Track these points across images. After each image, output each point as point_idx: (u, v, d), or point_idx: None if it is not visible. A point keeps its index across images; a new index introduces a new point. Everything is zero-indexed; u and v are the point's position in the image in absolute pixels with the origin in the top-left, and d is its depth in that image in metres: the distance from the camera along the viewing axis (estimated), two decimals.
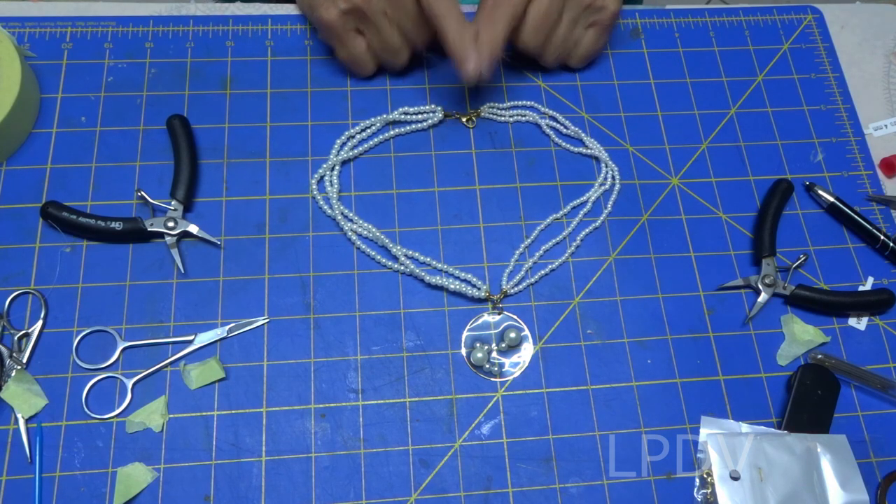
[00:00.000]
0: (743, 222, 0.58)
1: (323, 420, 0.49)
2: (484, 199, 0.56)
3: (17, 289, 0.50)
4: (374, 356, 0.51)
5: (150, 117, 0.56)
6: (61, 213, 0.51)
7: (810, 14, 0.67)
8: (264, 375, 0.50)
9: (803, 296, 0.54)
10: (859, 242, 0.58)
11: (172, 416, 0.48)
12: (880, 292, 0.55)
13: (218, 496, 0.46)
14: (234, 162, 0.56)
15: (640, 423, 0.50)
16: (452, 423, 0.49)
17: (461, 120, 0.59)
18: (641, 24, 0.65)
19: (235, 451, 0.47)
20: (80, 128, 0.56)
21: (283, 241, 0.54)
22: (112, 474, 0.46)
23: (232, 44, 0.60)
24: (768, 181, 0.59)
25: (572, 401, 0.51)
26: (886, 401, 0.52)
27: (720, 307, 0.54)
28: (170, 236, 0.52)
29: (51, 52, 0.58)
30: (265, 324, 0.51)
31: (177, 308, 0.51)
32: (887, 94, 0.64)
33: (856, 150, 0.61)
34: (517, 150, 0.59)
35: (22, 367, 0.48)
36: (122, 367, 0.49)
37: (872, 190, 0.60)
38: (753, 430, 0.50)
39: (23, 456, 0.46)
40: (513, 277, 0.54)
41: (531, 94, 0.61)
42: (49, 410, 0.47)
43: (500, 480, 0.48)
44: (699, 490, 0.49)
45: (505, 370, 0.51)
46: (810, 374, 0.51)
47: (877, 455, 0.51)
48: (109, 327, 0.50)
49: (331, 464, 0.48)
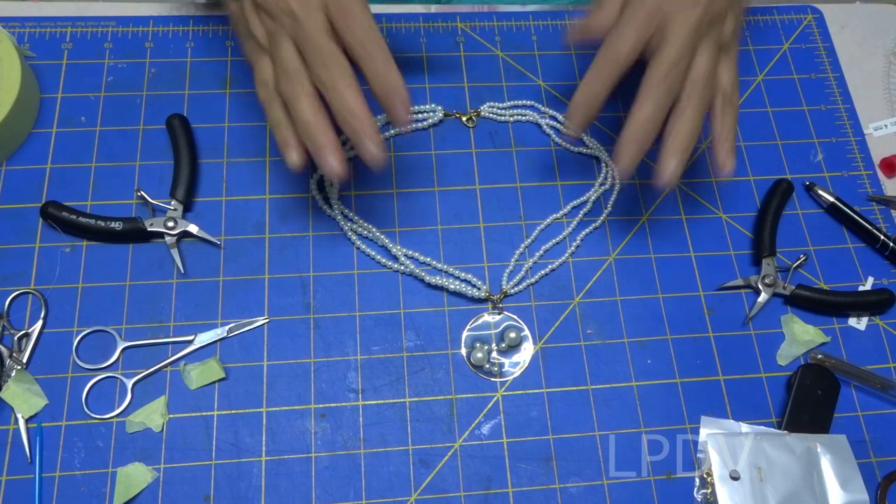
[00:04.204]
0: (743, 222, 0.58)
1: (323, 420, 0.49)
2: (484, 199, 0.56)
3: (17, 289, 0.50)
4: (374, 356, 0.51)
5: (150, 117, 0.56)
6: (61, 213, 0.51)
7: (810, 14, 0.67)
8: (264, 375, 0.50)
9: (803, 296, 0.54)
10: (859, 242, 0.58)
11: (172, 416, 0.48)
12: (880, 292, 0.55)
13: (218, 496, 0.46)
14: (234, 162, 0.56)
15: (640, 423, 0.50)
16: (452, 423, 0.49)
17: (461, 119, 0.59)
18: None
19: (235, 451, 0.48)
20: (80, 128, 0.56)
21: (283, 241, 0.54)
22: (112, 474, 0.46)
23: (232, 44, 0.60)
24: (768, 181, 0.59)
25: (572, 401, 0.51)
26: (886, 401, 0.52)
27: (720, 307, 0.54)
28: (170, 236, 0.52)
29: (51, 52, 0.58)
30: (265, 324, 0.51)
31: (177, 308, 0.51)
32: (887, 94, 0.64)
33: (856, 150, 0.61)
34: (517, 149, 0.59)
35: (22, 367, 0.48)
36: (122, 367, 0.49)
37: (872, 190, 0.60)
38: (753, 430, 0.50)
39: (23, 456, 0.46)
40: (513, 277, 0.54)
41: (531, 94, 0.61)
42: (49, 410, 0.47)
43: (500, 480, 0.48)
44: (699, 490, 0.49)
45: (505, 370, 0.51)
46: (810, 374, 0.51)
47: (877, 455, 0.51)
48: (109, 327, 0.50)
49: (331, 464, 0.48)
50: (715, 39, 0.49)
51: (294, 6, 0.45)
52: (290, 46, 0.46)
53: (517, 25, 0.64)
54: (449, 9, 0.64)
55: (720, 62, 0.50)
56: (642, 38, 0.48)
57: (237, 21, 0.50)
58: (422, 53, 0.61)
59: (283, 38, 0.46)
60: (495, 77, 0.61)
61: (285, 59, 0.46)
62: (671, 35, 0.47)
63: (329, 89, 0.45)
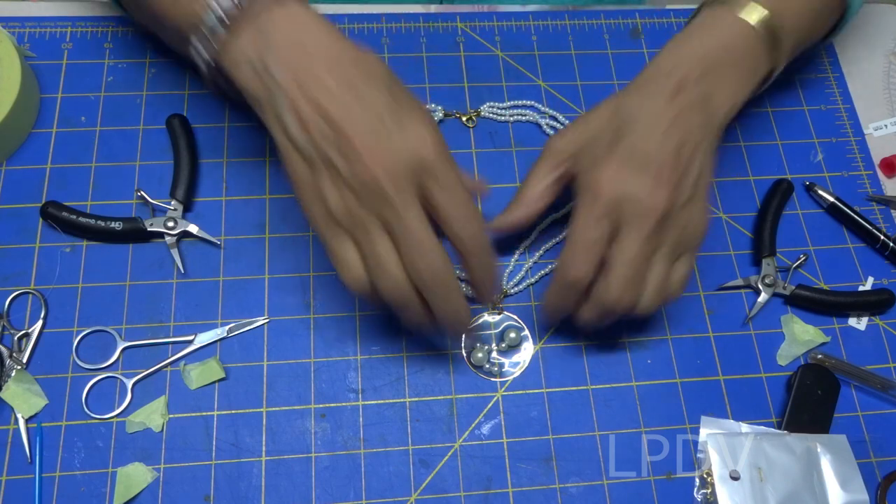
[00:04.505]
0: (743, 222, 0.58)
1: (323, 420, 0.49)
2: (484, 199, 0.56)
3: (17, 289, 0.50)
4: (374, 356, 0.51)
5: (150, 117, 0.56)
6: (61, 213, 0.51)
7: None
8: (264, 375, 0.50)
9: (803, 296, 0.54)
10: (859, 242, 0.58)
11: (172, 416, 0.48)
12: (880, 292, 0.55)
13: (218, 496, 0.46)
14: (234, 162, 0.56)
15: (640, 423, 0.50)
16: (452, 423, 0.49)
17: (461, 119, 0.59)
18: (641, 24, 0.65)
19: (235, 451, 0.47)
20: (80, 128, 0.56)
21: (283, 241, 0.54)
22: (112, 474, 0.46)
23: None
24: (768, 181, 0.59)
25: (572, 401, 0.51)
26: (886, 401, 0.52)
27: (720, 307, 0.54)
28: (170, 236, 0.52)
29: (51, 52, 0.58)
30: (265, 324, 0.51)
31: (177, 308, 0.51)
32: (887, 94, 0.64)
33: (856, 150, 0.61)
34: (517, 149, 0.59)
35: (22, 367, 0.48)
36: (122, 367, 0.49)
37: (872, 190, 0.60)
38: (753, 430, 0.50)
39: (23, 456, 0.46)
40: (513, 277, 0.54)
41: (531, 94, 0.61)
42: (49, 410, 0.47)
43: (500, 480, 0.48)
44: (699, 490, 0.49)
45: (505, 370, 0.51)
46: (810, 374, 0.51)
47: (877, 455, 0.51)
48: (109, 327, 0.50)
49: (331, 464, 0.48)
50: (672, 245, 0.45)
51: (385, 185, 0.39)
52: (386, 240, 0.40)
53: (517, 25, 0.64)
54: (449, 9, 0.64)
55: (675, 268, 0.46)
56: (596, 258, 0.44)
57: (295, 170, 0.42)
58: (422, 53, 0.61)
59: (375, 228, 0.40)
60: (495, 77, 0.61)
61: (382, 256, 0.40)
62: (621, 253, 0.43)
63: (433, 296, 0.41)
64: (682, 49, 0.48)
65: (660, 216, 0.43)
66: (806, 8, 0.51)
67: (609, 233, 0.44)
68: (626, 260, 0.43)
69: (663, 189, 0.43)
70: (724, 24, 0.48)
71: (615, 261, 0.43)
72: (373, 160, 0.38)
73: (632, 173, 0.43)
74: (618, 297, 0.44)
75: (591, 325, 0.47)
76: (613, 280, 0.43)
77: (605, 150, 0.45)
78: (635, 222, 0.43)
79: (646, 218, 0.43)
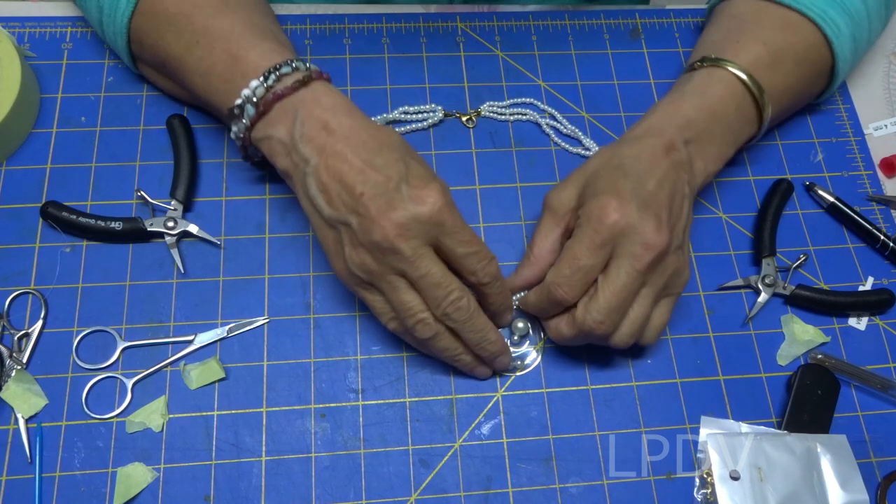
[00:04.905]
0: (743, 222, 0.58)
1: (323, 420, 0.49)
2: (484, 199, 0.56)
3: (17, 289, 0.50)
4: (374, 356, 0.51)
5: (150, 117, 0.56)
6: (61, 212, 0.51)
7: None
8: (264, 375, 0.50)
9: (803, 296, 0.54)
10: (859, 242, 0.58)
11: (172, 416, 0.48)
12: (880, 292, 0.55)
13: (218, 496, 0.46)
14: (234, 162, 0.56)
15: (640, 423, 0.50)
16: (452, 423, 0.49)
17: (461, 119, 0.59)
18: (641, 24, 0.65)
19: (235, 451, 0.47)
20: (80, 128, 0.56)
21: (283, 241, 0.54)
22: (112, 474, 0.46)
23: None
24: (768, 181, 0.59)
25: (572, 401, 0.51)
26: (886, 401, 0.52)
27: (720, 307, 0.54)
28: (170, 236, 0.52)
29: (51, 52, 0.58)
30: (265, 324, 0.51)
31: (177, 308, 0.51)
32: (887, 94, 0.64)
33: (856, 150, 0.61)
34: (517, 149, 0.59)
35: (22, 367, 0.48)
36: (122, 367, 0.49)
37: (872, 190, 0.60)
38: (753, 430, 0.50)
39: (23, 456, 0.46)
40: None
41: (531, 94, 0.61)
42: (49, 410, 0.47)
43: (500, 480, 0.48)
44: (699, 490, 0.49)
45: (527, 362, 0.51)
46: (810, 374, 0.51)
47: (877, 455, 0.51)
48: (109, 327, 0.50)
49: (331, 464, 0.48)
50: (658, 286, 0.47)
51: (396, 242, 0.42)
52: (408, 288, 0.44)
53: (517, 25, 0.64)
54: (449, 9, 0.64)
55: (655, 310, 0.48)
56: (589, 284, 0.46)
57: (325, 237, 0.46)
58: (422, 53, 0.61)
59: (395, 279, 0.44)
60: (495, 77, 0.61)
61: (406, 302, 0.44)
62: (612, 283, 0.45)
63: (462, 328, 0.45)
64: (676, 110, 0.51)
65: (657, 255, 0.45)
66: (793, 79, 0.55)
67: (605, 261, 0.46)
68: (616, 290, 0.45)
69: (665, 229, 0.45)
70: (716, 90, 0.52)
71: (604, 288, 0.45)
72: (385, 221, 0.42)
73: (636, 210, 0.45)
74: (598, 323, 0.45)
75: (563, 340, 0.49)
76: (598, 305, 0.45)
77: (608, 185, 0.47)
78: (632, 255, 0.45)
79: (644, 254, 0.45)
